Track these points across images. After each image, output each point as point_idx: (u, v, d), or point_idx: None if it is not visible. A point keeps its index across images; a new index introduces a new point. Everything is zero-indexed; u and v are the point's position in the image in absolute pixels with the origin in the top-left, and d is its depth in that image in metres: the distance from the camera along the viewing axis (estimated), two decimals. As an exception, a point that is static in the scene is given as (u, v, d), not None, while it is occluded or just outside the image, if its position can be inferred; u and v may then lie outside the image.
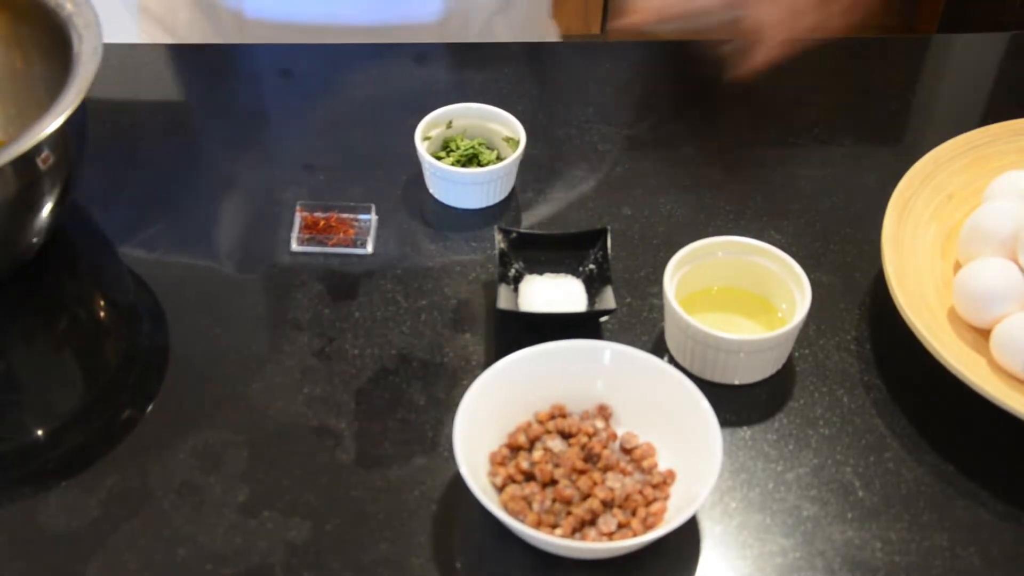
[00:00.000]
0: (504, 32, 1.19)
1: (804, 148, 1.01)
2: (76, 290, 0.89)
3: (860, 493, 0.75)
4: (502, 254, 0.85)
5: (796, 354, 0.83)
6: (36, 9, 0.85)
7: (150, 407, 0.80)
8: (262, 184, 0.96)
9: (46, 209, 0.82)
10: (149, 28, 1.20)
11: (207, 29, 1.15)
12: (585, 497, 0.71)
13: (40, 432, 0.79)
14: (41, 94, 0.85)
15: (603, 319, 0.84)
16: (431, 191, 0.95)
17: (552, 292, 0.84)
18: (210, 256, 0.91)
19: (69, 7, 0.83)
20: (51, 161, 0.78)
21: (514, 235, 0.86)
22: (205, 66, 1.10)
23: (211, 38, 1.15)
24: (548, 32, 1.27)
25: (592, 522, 0.70)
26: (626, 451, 0.75)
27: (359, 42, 1.11)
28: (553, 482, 0.72)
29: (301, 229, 0.90)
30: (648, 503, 0.71)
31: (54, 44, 0.83)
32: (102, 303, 0.90)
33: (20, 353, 0.84)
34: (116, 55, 1.08)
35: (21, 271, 0.87)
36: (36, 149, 0.75)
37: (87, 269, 0.91)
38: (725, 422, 0.75)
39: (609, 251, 0.85)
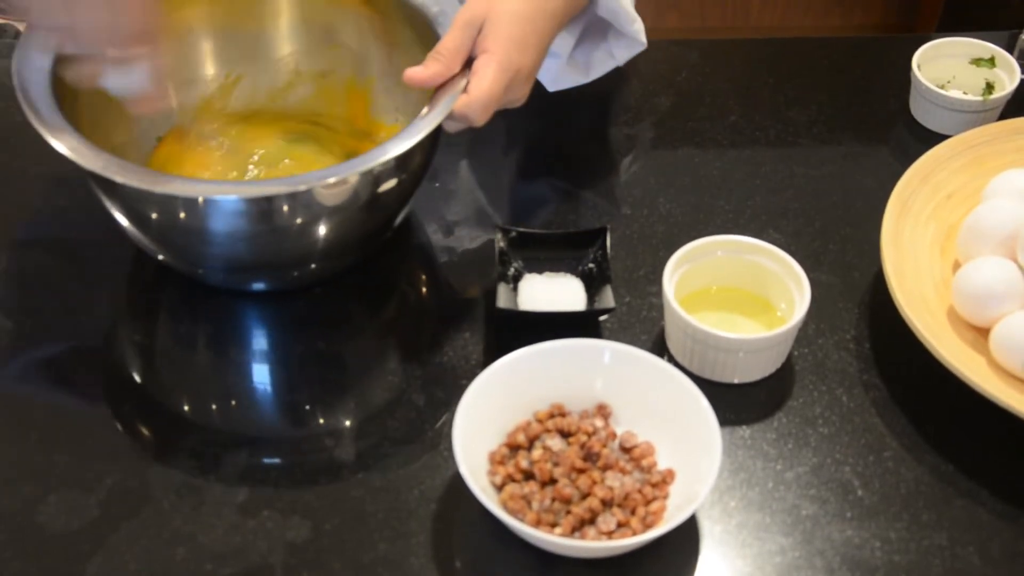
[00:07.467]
0: None
1: (803, 148, 1.01)
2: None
3: (859, 492, 0.75)
4: (501, 253, 0.85)
5: (795, 353, 0.83)
6: (404, 8, 0.88)
7: (149, 407, 0.80)
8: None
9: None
10: None
11: None
12: (584, 496, 0.71)
13: (39, 432, 0.79)
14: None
15: (602, 318, 0.84)
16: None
17: (551, 291, 0.84)
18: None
19: (434, 8, 0.87)
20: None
21: (514, 234, 0.86)
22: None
23: None
24: None
25: (591, 521, 0.70)
26: (625, 450, 0.75)
27: None
28: (552, 481, 0.72)
29: None
30: (647, 502, 0.71)
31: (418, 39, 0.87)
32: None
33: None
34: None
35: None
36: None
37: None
38: (724, 421, 0.75)
39: (608, 250, 0.85)
